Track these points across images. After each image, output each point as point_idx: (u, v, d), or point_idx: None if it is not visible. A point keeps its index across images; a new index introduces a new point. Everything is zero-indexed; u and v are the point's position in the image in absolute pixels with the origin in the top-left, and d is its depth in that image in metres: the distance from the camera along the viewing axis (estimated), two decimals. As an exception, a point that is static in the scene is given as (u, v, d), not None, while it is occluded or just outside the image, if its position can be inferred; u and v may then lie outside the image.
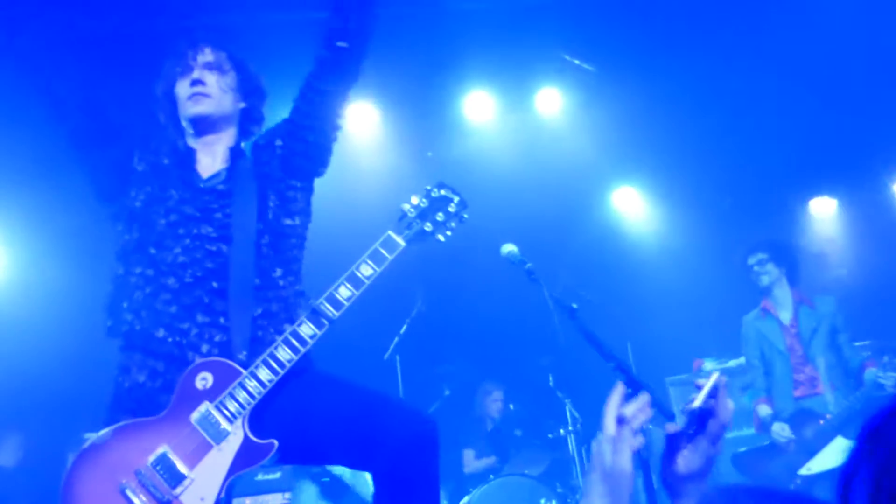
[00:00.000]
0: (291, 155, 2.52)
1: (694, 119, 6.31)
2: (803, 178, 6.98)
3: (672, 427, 1.35)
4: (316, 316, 2.23)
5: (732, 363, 5.74)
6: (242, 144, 2.59)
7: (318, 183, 2.62)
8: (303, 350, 2.20)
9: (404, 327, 5.86)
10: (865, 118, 6.09)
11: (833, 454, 4.22)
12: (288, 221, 2.46)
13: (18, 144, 4.94)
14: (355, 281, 2.28)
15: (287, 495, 4.91)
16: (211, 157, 2.51)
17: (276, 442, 2.14)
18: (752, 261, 4.87)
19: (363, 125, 6.32)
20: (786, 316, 4.79)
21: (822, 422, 4.35)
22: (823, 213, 7.50)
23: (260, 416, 2.19)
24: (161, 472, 2.07)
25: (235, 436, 2.13)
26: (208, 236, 2.33)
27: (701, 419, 1.34)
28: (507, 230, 3.70)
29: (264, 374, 2.17)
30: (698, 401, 1.34)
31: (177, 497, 2.07)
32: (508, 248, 3.24)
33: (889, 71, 5.80)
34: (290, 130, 2.54)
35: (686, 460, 1.35)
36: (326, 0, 2.41)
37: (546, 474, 5.62)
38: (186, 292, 2.26)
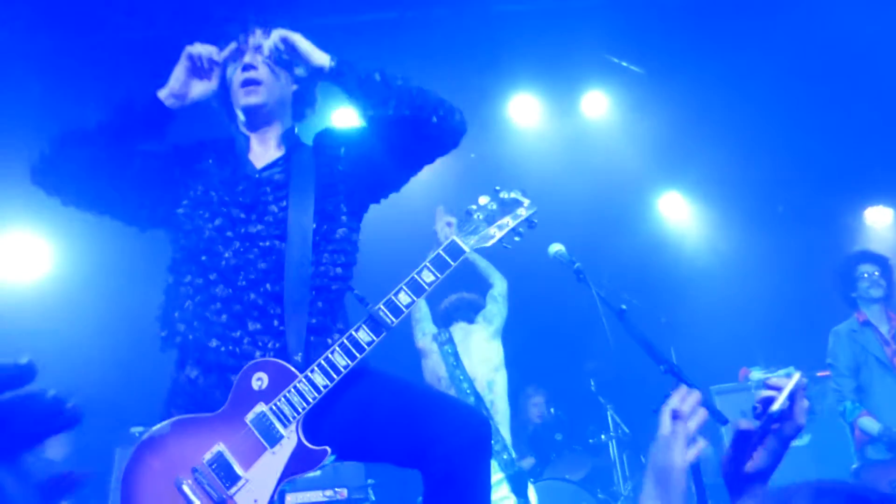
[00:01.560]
0: (363, 174, 2.41)
1: (743, 123, 6.19)
2: (859, 185, 6.81)
3: (745, 424, 1.33)
4: (374, 322, 2.15)
5: (781, 373, 5.63)
6: (296, 129, 2.49)
7: None
8: (359, 356, 2.14)
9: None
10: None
11: None
12: (355, 237, 2.40)
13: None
14: (416, 287, 2.19)
15: (327, 493, 4.93)
16: (264, 146, 2.42)
17: (329, 448, 2.10)
18: (865, 269, 4.79)
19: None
20: (885, 329, 4.74)
21: None
22: (879, 222, 7.34)
23: (313, 415, 2.15)
24: (217, 471, 2.05)
25: (289, 440, 2.09)
26: (259, 234, 2.25)
27: (776, 419, 1.32)
28: (550, 232, 3.65)
29: (319, 379, 2.11)
30: (779, 402, 1.32)
31: (231, 497, 2.04)
32: (556, 247, 3.14)
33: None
34: (362, 156, 2.41)
35: (755, 460, 1.33)
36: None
37: (587, 479, 5.57)
38: (237, 299, 2.19)
